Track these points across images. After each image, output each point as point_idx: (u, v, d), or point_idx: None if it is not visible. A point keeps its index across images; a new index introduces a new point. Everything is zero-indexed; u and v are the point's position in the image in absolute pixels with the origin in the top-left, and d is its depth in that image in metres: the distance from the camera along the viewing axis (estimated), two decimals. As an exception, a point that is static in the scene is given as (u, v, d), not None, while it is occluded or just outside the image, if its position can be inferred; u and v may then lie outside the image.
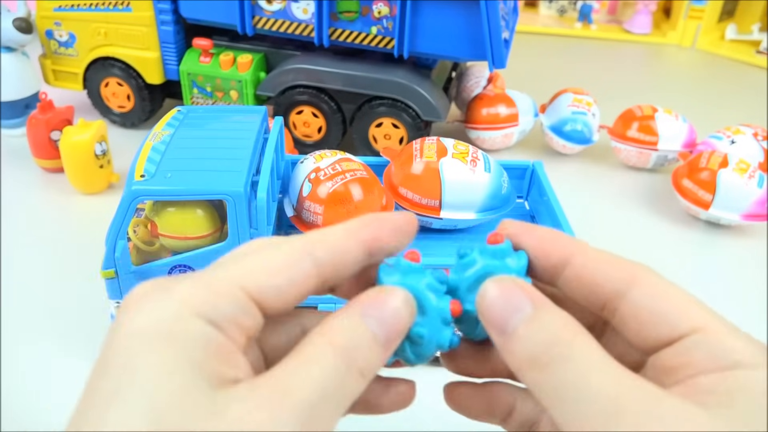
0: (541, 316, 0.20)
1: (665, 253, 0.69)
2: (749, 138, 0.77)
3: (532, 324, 0.19)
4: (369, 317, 0.20)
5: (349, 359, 0.19)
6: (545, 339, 0.19)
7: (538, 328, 0.19)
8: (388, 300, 0.21)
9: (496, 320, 0.20)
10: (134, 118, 0.83)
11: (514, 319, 0.20)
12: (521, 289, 0.20)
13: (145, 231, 0.49)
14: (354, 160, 0.53)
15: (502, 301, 0.20)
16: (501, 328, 0.20)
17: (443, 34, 0.70)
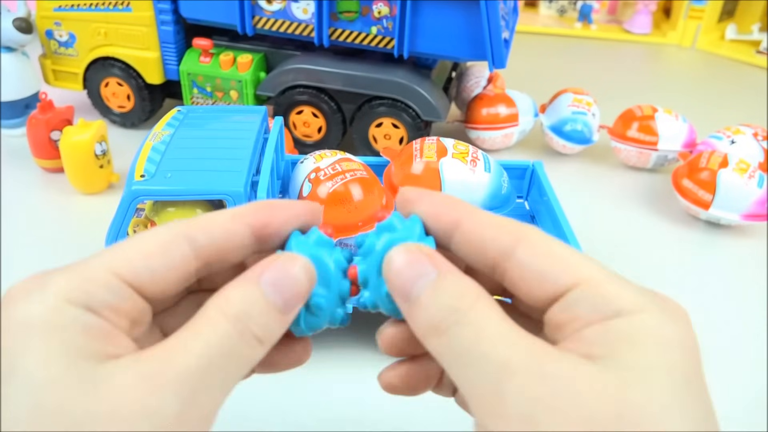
0: (443, 283, 0.20)
1: (665, 253, 0.69)
2: (749, 138, 0.77)
3: (434, 291, 0.20)
4: (266, 283, 0.20)
5: (243, 326, 0.19)
6: (446, 305, 0.19)
7: (440, 294, 0.19)
8: (287, 265, 0.20)
9: (400, 287, 0.20)
10: (134, 118, 0.83)
11: (417, 285, 0.20)
12: (425, 255, 0.20)
13: (145, 231, 0.49)
14: (354, 160, 0.53)
15: (407, 268, 0.20)
16: (405, 295, 0.20)
17: (443, 34, 0.70)
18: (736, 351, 0.56)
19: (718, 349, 0.56)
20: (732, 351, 0.56)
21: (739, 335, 0.58)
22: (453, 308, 0.19)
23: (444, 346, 0.19)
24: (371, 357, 0.52)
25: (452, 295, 0.19)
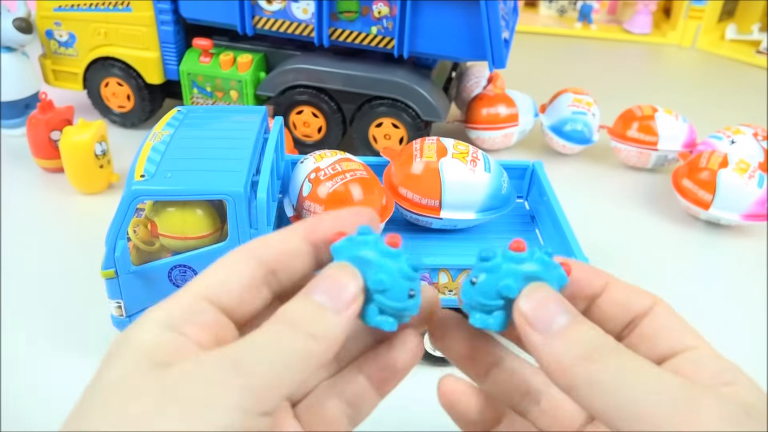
0: (580, 321, 0.23)
1: (665, 253, 0.69)
2: (749, 138, 0.77)
3: (576, 325, 0.22)
4: (314, 293, 0.23)
5: (294, 326, 0.22)
6: (594, 337, 0.22)
7: (585, 329, 0.22)
8: (326, 272, 0.23)
9: (541, 318, 0.23)
10: (134, 118, 0.83)
11: (556, 321, 0.23)
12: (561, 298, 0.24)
13: (145, 231, 0.49)
14: (354, 160, 0.53)
15: (551, 303, 0.23)
16: (545, 326, 0.22)
17: (443, 34, 0.70)
18: (736, 351, 0.56)
19: (718, 349, 0.56)
20: (732, 351, 0.56)
21: (739, 335, 0.58)
22: (603, 339, 0.22)
23: (597, 372, 0.21)
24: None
25: (596, 331, 0.23)
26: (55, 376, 0.50)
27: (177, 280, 0.47)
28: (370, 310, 0.24)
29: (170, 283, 0.47)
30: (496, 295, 0.25)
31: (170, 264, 0.46)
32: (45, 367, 0.51)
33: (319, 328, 0.22)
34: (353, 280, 0.23)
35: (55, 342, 0.53)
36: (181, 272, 0.46)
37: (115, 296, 0.47)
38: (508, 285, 0.24)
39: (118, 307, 0.48)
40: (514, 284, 0.24)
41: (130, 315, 0.48)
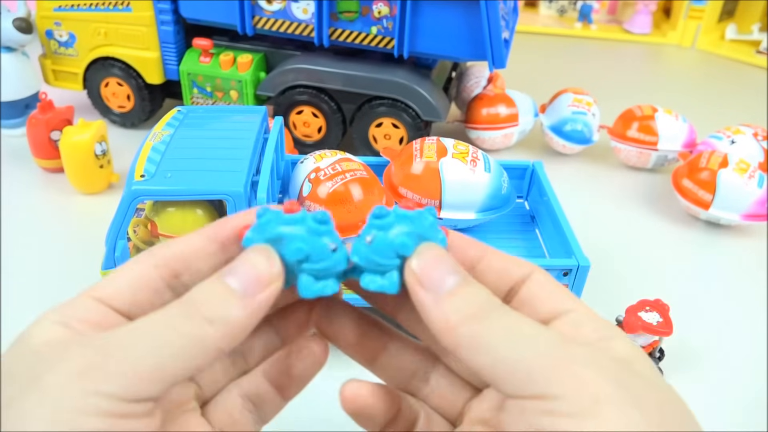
0: (470, 281, 0.23)
1: (665, 253, 0.69)
2: (749, 138, 0.77)
3: (465, 286, 0.23)
4: (226, 275, 0.22)
5: (191, 310, 0.21)
6: (480, 297, 0.23)
7: (473, 289, 0.23)
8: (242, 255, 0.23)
9: (431, 278, 0.23)
10: (134, 118, 0.83)
11: (447, 281, 0.23)
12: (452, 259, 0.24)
13: (145, 231, 0.49)
14: (354, 160, 0.53)
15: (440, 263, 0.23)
16: (435, 286, 0.23)
17: (443, 34, 0.70)
18: (736, 351, 0.56)
19: (718, 348, 0.56)
20: (732, 351, 0.56)
21: (740, 335, 0.58)
22: (488, 300, 0.23)
23: (481, 332, 0.21)
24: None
25: (484, 291, 0.23)
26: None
27: (177, 280, 0.47)
28: (305, 281, 0.24)
29: (170, 283, 0.47)
30: (393, 253, 0.24)
31: (170, 264, 0.46)
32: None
33: (219, 313, 0.21)
34: (268, 262, 0.23)
35: (55, 342, 0.53)
36: (181, 272, 0.46)
37: (115, 296, 0.47)
38: (404, 242, 0.24)
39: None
40: (410, 242, 0.24)
41: (130, 315, 0.48)
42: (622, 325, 0.53)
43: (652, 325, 0.50)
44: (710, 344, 0.56)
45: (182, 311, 0.21)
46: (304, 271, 0.24)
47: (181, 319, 0.21)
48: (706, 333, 0.57)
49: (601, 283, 0.58)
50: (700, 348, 0.56)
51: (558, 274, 0.47)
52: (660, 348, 0.52)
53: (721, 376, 0.53)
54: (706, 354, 0.55)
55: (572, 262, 0.47)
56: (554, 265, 0.47)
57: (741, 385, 0.52)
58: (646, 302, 0.52)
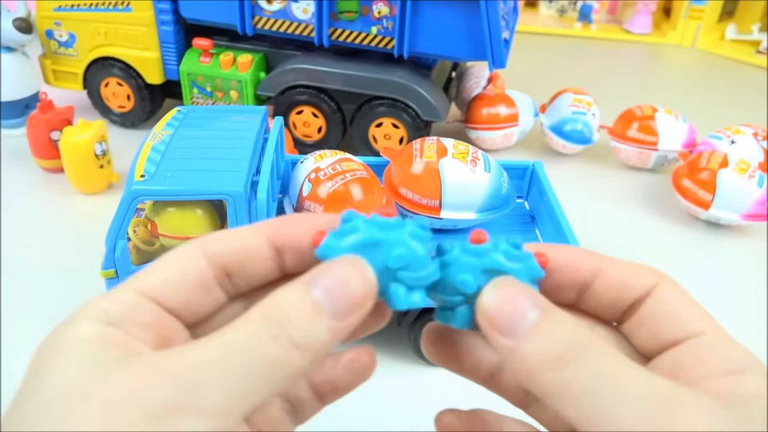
0: (552, 318, 0.19)
1: (665, 253, 0.69)
2: (749, 138, 0.77)
3: (545, 325, 0.19)
4: (315, 286, 0.19)
5: (278, 329, 0.18)
6: (563, 337, 0.19)
7: (553, 328, 0.19)
8: (334, 266, 0.20)
9: (503, 321, 0.19)
10: (134, 118, 0.83)
11: (523, 321, 0.19)
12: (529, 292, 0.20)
13: (145, 231, 0.49)
14: (354, 160, 0.52)
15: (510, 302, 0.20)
16: (510, 330, 0.19)
17: (443, 34, 0.70)
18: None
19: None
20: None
21: (739, 335, 0.57)
22: (574, 340, 0.19)
23: (567, 380, 0.18)
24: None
25: (567, 329, 0.19)
26: (55, 376, 0.50)
27: (177, 280, 0.47)
28: (397, 292, 0.21)
29: (170, 283, 0.47)
30: (454, 291, 0.22)
31: (170, 264, 0.46)
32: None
33: (308, 336, 0.18)
34: (364, 280, 0.20)
35: (55, 342, 0.53)
36: (181, 272, 0.46)
37: (115, 296, 0.47)
38: (465, 280, 0.22)
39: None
40: (472, 278, 0.21)
41: (130, 315, 0.48)
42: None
43: (652, 325, 0.50)
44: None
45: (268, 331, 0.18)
46: (399, 281, 0.21)
47: (267, 342, 0.18)
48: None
49: (601, 283, 0.58)
50: None
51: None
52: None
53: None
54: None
55: (572, 262, 0.47)
56: (554, 265, 0.47)
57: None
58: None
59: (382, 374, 0.51)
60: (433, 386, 0.51)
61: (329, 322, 0.19)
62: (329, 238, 0.21)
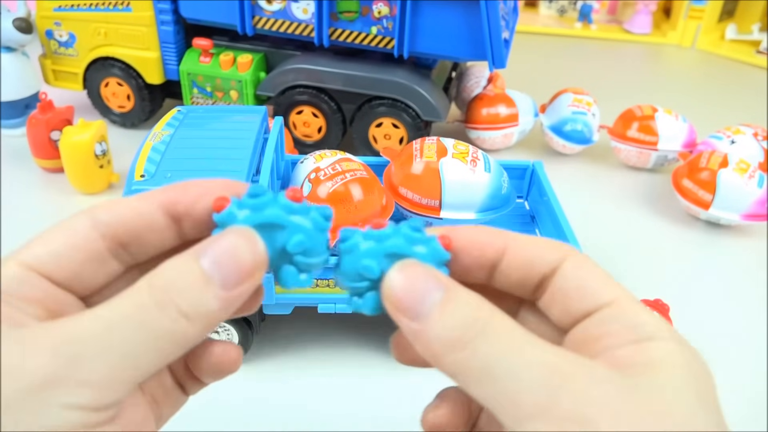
0: (455, 296, 0.19)
1: (665, 253, 0.69)
2: (749, 138, 0.77)
3: (448, 305, 0.19)
4: (204, 256, 0.19)
5: (165, 297, 0.18)
6: (463, 318, 0.19)
7: (454, 309, 0.19)
8: (224, 236, 0.19)
9: (406, 305, 0.19)
10: (134, 118, 0.83)
11: (427, 301, 0.19)
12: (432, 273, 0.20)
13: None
14: (354, 160, 0.53)
15: (413, 284, 0.20)
16: (414, 313, 0.19)
17: (443, 34, 0.70)
18: (736, 351, 0.56)
19: (718, 348, 0.56)
20: (732, 351, 0.56)
21: (740, 335, 0.58)
22: (473, 320, 0.19)
23: (467, 360, 0.18)
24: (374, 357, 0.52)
25: (468, 308, 0.19)
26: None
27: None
28: (288, 272, 0.22)
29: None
30: (359, 277, 0.22)
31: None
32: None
33: (196, 306, 0.18)
34: (254, 251, 0.19)
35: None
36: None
37: (115, 296, 0.47)
38: (367, 265, 0.21)
39: None
40: (375, 263, 0.21)
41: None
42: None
43: (652, 325, 0.50)
44: (710, 344, 0.56)
45: (155, 301, 0.18)
46: (294, 264, 0.22)
47: (155, 312, 0.18)
48: (706, 333, 0.57)
49: (601, 283, 0.58)
50: (700, 348, 0.55)
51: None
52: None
53: (721, 376, 0.53)
54: (706, 354, 0.55)
55: (572, 262, 0.47)
56: (554, 265, 0.47)
57: (741, 385, 0.52)
58: (646, 302, 0.52)
59: (382, 374, 0.51)
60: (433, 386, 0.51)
61: (218, 291, 0.19)
62: (232, 205, 0.21)
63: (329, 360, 0.52)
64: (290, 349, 0.52)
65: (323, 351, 0.53)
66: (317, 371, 0.50)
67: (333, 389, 0.50)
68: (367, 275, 0.22)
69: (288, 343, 0.53)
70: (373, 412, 0.48)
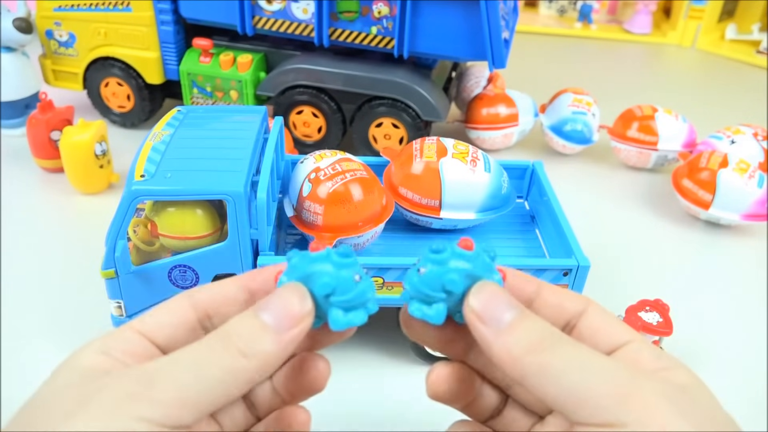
0: (528, 314, 0.25)
1: (665, 253, 0.69)
2: (749, 138, 0.77)
3: (524, 319, 0.24)
4: (260, 310, 0.24)
5: (229, 341, 0.23)
6: (542, 328, 0.24)
7: (532, 322, 0.24)
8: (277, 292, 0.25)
9: (490, 314, 0.25)
10: (134, 118, 0.83)
11: (507, 315, 0.24)
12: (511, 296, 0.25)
13: (145, 231, 0.49)
14: (354, 160, 0.52)
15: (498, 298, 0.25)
16: (495, 322, 0.24)
17: (443, 34, 0.70)
18: (736, 350, 0.56)
19: (718, 348, 0.56)
20: (732, 350, 0.56)
21: (740, 335, 0.58)
22: (550, 330, 0.24)
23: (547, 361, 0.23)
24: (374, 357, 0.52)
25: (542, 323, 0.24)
26: (55, 376, 0.50)
27: (177, 280, 0.47)
28: (335, 314, 0.26)
29: (170, 283, 0.47)
30: (440, 287, 0.26)
31: (170, 264, 0.46)
32: (45, 366, 0.50)
33: (253, 347, 0.23)
34: (300, 299, 0.25)
35: (55, 342, 0.53)
36: (181, 272, 0.46)
37: (115, 296, 0.47)
38: (453, 279, 0.26)
39: (118, 307, 0.48)
40: (459, 279, 0.26)
41: (130, 315, 0.48)
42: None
43: (652, 325, 0.50)
44: (710, 344, 0.56)
45: (220, 344, 0.23)
46: (334, 305, 0.26)
47: (219, 352, 0.23)
48: (706, 333, 0.57)
49: (601, 283, 0.58)
50: (700, 348, 0.55)
51: (558, 274, 0.47)
52: (660, 348, 0.52)
53: (721, 376, 0.53)
54: (706, 354, 0.55)
55: (572, 262, 0.47)
56: (554, 265, 0.47)
57: (741, 385, 0.52)
58: (646, 302, 0.52)
59: (382, 374, 0.51)
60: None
61: (273, 335, 0.24)
62: (283, 275, 0.27)
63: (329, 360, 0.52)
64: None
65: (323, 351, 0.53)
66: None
67: (333, 389, 0.50)
68: (449, 288, 0.26)
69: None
70: (374, 412, 0.48)
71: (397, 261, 0.47)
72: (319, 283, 0.25)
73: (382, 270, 0.47)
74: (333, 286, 0.25)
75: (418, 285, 0.27)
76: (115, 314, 0.48)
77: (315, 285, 0.25)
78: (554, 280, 0.47)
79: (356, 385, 0.50)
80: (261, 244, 0.46)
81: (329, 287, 0.25)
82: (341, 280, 0.25)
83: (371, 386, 0.50)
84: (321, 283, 0.25)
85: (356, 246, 0.51)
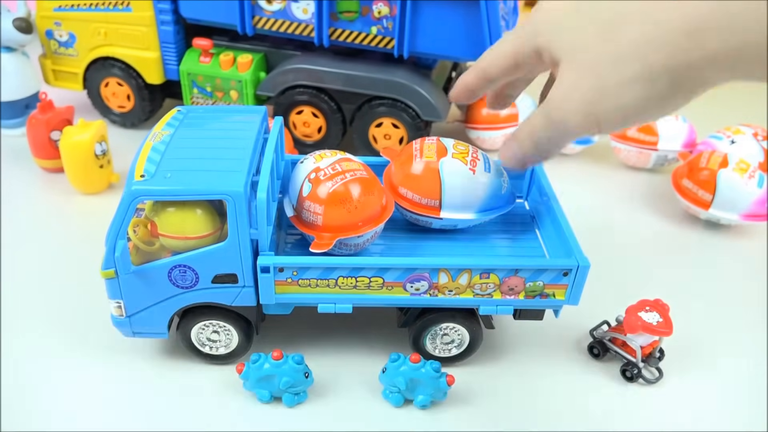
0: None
1: (665, 253, 0.69)
2: (749, 138, 0.77)
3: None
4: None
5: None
6: None
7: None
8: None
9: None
10: (134, 118, 0.84)
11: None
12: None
13: (145, 231, 0.49)
14: (354, 160, 0.52)
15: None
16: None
17: (443, 34, 0.70)
18: (736, 350, 0.56)
19: (718, 348, 0.56)
20: (732, 350, 0.56)
21: (740, 335, 0.58)
22: None
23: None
24: (374, 356, 0.52)
25: None
26: (55, 376, 0.50)
27: (177, 280, 0.47)
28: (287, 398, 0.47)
29: (170, 283, 0.47)
30: (392, 384, 0.47)
31: (170, 264, 0.46)
32: (45, 366, 0.51)
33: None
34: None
35: (55, 342, 0.53)
36: (180, 272, 0.46)
37: (115, 296, 0.47)
38: (399, 380, 0.46)
39: (118, 307, 0.48)
40: (402, 381, 0.46)
41: (130, 315, 0.48)
42: (622, 326, 0.53)
43: (652, 325, 0.50)
44: (710, 344, 0.56)
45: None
46: (288, 392, 0.47)
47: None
48: (706, 333, 0.57)
49: (601, 283, 0.58)
50: (700, 348, 0.55)
51: (558, 274, 0.47)
52: (660, 348, 0.52)
53: (721, 376, 0.53)
54: (706, 354, 0.55)
55: (572, 262, 0.47)
56: (554, 265, 0.47)
57: (741, 385, 0.52)
58: (646, 302, 0.52)
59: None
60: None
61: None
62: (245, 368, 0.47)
63: (329, 359, 0.52)
64: (290, 348, 0.52)
65: (323, 351, 0.53)
66: (317, 370, 0.50)
67: (333, 389, 0.50)
68: (396, 385, 0.47)
69: (288, 343, 0.53)
70: (373, 412, 0.48)
71: (397, 261, 0.47)
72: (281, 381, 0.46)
73: (382, 270, 0.47)
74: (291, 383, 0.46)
75: (382, 379, 0.47)
76: (115, 314, 0.48)
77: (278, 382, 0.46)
78: (554, 280, 0.47)
79: (356, 385, 0.50)
80: (261, 244, 0.46)
81: (288, 384, 0.46)
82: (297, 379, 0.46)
83: (371, 386, 0.50)
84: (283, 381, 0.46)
85: (356, 246, 0.50)
